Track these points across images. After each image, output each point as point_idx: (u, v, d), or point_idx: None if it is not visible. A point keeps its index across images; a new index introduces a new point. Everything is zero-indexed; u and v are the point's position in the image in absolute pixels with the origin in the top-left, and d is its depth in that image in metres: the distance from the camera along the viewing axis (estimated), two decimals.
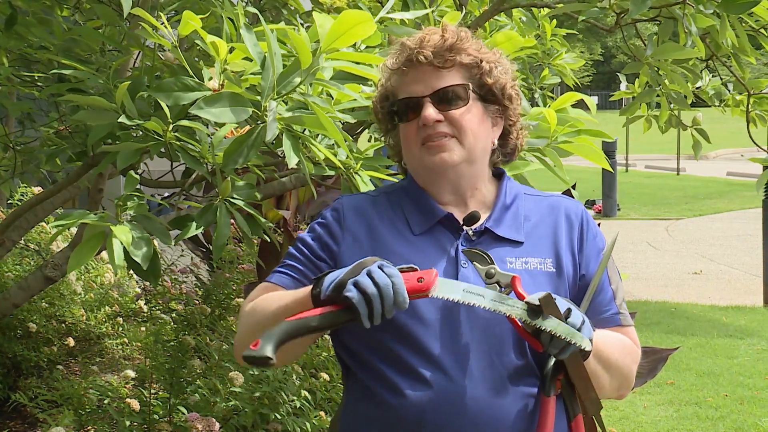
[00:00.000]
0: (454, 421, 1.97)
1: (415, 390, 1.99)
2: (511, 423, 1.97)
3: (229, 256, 5.79)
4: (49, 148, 3.80)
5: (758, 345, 8.48)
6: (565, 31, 4.99)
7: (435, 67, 2.10)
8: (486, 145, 2.16)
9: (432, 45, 2.10)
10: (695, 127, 5.14)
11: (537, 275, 2.10)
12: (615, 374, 2.13)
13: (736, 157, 32.02)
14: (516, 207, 2.18)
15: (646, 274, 12.23)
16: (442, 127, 2.09)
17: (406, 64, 2.11)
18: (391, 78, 2.16)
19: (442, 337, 2.01)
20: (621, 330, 2.18)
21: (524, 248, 2.13)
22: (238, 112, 2.25)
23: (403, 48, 2.14)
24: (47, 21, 3.44)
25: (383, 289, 1.84)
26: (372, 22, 2.23)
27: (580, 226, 2.19)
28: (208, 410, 3.97)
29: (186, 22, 2.35)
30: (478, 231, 2.12)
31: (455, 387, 1.98)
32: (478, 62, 2.12)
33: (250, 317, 2.11)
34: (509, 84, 2.17)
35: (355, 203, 2.20)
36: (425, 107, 2.09)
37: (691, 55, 4.08)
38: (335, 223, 2.17)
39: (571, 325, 1.92)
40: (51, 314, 5.52)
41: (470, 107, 2.11)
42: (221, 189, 2.62)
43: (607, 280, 2.18)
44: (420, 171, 2.16)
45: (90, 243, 2.34)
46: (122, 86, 2.47)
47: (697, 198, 21.61)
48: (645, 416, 6.45)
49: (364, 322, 1.86)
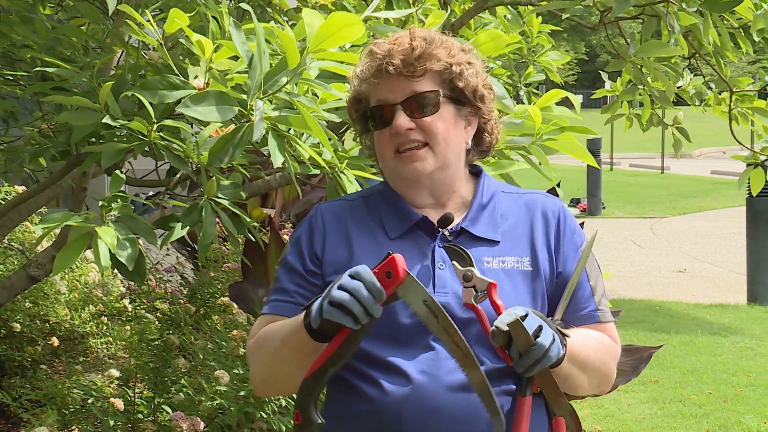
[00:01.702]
0: (433, 415, 1.99)
1: (394, 384, 2.01)
2: (488, 420, 1.98)
3: (214, 255, 5.78)
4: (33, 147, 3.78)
5: (742, 343, 8.52)
6: (550, 27, 4.99)
7: (405, 76, 2.09)
8: (459, 147, 2.16)
9: (401, 53, 2.08)
10: (676, 125, 5.17)
11: (514, 274, 2.11)
12: (593, 374, 2.15)
13: (719, 155, 32.16)
14: (493, 206, 2.19)
15: (631, 273, 12.27)
16: (414, 135, 2.10)
17: (375, 75, 2.11)
18: (361, 85, 2.16)
19: (420, 336, 2.03)
20: (600, 327, 2.18)
21: (501, 247, 2.14)
22: (224, 111, 2.25)
23: (371, 57, 2.12)
24: (30, 19, 3.42)
25: (355, 292, 1.88)
26: (360, 25, 2.23)
27: (557, 224, 2.19)
28: (193, 409, 3.97)
29: (172, 21, 2.34)
30: (455, 231, 2.14)
31: (434, 382, 2.00)
32: (448, 67, 2.12)
33: (257, 355, 2.16)
34: (480, 84, 2.16)
35: (332, 209, 2.22)
36: (397, 115, 2.10)
37: (674, 53, 4.10)
38: (316, 229, 2.19)
39: (540, 346, 1.92)
40: (35, 314, 5.50)
41: (441, 112, 2.11)
42: (206, 188, 2.61)
43: (586, 277, 2.19)
44: (395, 179, 2.18)
45: (75, 245, 2.34)
46: (106, 86, 2.46)
47: (681, 196, 21.69)
48: (629, 414, 6.47)
49: (355, 328, 1.90)
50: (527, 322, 1.92)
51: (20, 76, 3.65)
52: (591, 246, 2.19)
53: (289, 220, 6.93)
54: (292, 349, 2.03)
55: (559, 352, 1.96)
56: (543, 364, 1.94)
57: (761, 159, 4.67)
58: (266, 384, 2.18)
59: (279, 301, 2.17)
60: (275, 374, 2.11)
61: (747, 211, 10.58)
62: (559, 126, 2.78)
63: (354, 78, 2.18)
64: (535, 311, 1.98)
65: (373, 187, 2.28)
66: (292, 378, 2.06)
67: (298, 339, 2.00)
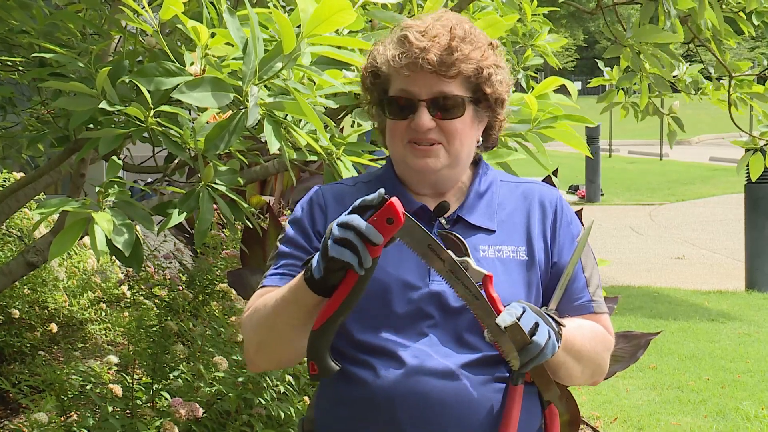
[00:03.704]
0: (426, 400, 1.99)
1: (388, 369, 2.02)
2: (477, 405, 1.99)
3: (212, 242, 5.78)
4: (31, 133, 3.78)
5: (740, 329, 8.53)
6: (546, 9, 4.95)
7: (437, 74, 2.05)
8: (471, 148, 2.15)
9: (438, 52, 2.03)
10: (671, 114, 5.16)
11: (509, 263, 2.11)
12: (587, 364, 2.14)
13: (718, 142, 32.14)
14: (490, 194, 2.18)
15: (629, 259, 12.27)
16: (433, 134, 2.07)
17: (408, 67, 2.04)
18: (387, 66, 2.09)
19: (415, 323, 2.04)
20: (594, 318, 2.18)
21: (497, 236, 2.14)
22: (219, 97, 2.24)
23: (407, 46, 2.05)
24: (28, 5, 3.41)
25: (354, 225, 1.84)
26: (351, 10, 2.22)
27: (553, 214, 2.19)
28: (192, 395, 3.97)
29: (167, 7, 2.34)
30: (452, 219, 2.14)
31: (427, 368, 2.01)
32: (479, 71, 2.08)
33: (252, 320, 2.11)
34: (504, 91, 2.13)
35: (333, 191, 2.21)
36: (420, 112, 2.06)
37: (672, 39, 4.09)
38: (317, 208, 2.18)
39: (536, 344, 1.91)
40: (33, 300, 5.51)
41: (464, 116, 2.09)
42: (203, 175, 2.61)
43: (581, 268, 2.18)
44: (401, 165, 2.16)
45: (72, 230, 2.34)
46: (102, 71, 2.46)
47: (679, 183, 21.69)
48: (627, 400, 6.48)
49: (360, 272, 1.86)
50: (524, 319, 1.91)
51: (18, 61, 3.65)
52: (587, 237, 2.19)
53: (288, 207, 6.93)
54: (291, 307, 1.98)
55: (555, 348, 1.95)
56: (538, 361, 1.94)
57: (760, 144, 4.67)
58: (260, 351, 2.11)
59: (276, 274, 2.13)
60: (270, 339, 2.06)
61: (746, 197, 10.58)
62: (555, 114, 2.78)
63: (379, 55, 2.11)
64: (531, 305, 1.97)
65: (373, 172, 2.27)
66: (288, 343, 2.04)
67: (299, 296, 1.96)
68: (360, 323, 2.06)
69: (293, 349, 2.07)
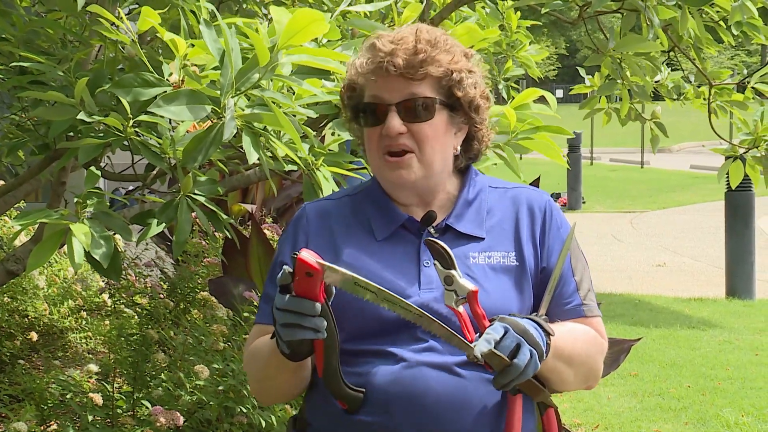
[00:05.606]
0: (420, 398, 2.00)
1: (382, 363, 2.03)
2: (472, 401, 2.01)
3: (194, 250, 5.77)
4: (11, 141, 3.76)
5: (720, 336, 8.56)
6: (530, 22, 4.98)
7: (404, 77, 2.07)
8: (446, 154, 2.15)
9: (404, 54, 2.05)
10: (654, 120, 5.18)
11: (500, 270, 2.11)
12: (579, 368, 2.14)
13: (698, 150, 32.29)
14: (479, 202, 2.18)
15: (611, 267, 12.30)
16: (404, 140, 2.08)
17: (375, 72, 2.08)
18: (358, 76, 2.13)
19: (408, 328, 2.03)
20: (585, 321, 2.18)
21: (487, 242, 2.14)
22: (196, 110, 2.24)
23: (373, 52, 2.09)
24: (7, 12, 3.40)
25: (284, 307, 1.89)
26: (324, 21, 2.23)
27: (542, 218, 2.19)
28: (173, 404, 3.95)
29: (144, 19, 2.33)
30: (440, 228, 2.14)
31: (423, 362, 2.01)
32: (448, 73, 2.09)
33: (250, 369, 2.21)
34: (478, 95, 2.14)
35: (318, 209, 2.22)
36: (390, 116, 2.08)
37: (653, 48, 4.11)
38: (300, 232, 2.18)
39: (516, 366, 1.91)
40: (13, 308, 5.48)
41: (434, 119, 2.10)
42: (183, 185, 2.61)
43: (570, 271, 2.18)
44: (380, 179, 2.18)
45: (50, 242, 2.33)
46: (81, 81, 2.45)
47: (660, 191, 21.76)
48: (608, 407, 6.49)
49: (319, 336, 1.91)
50: (504, 344, 1.91)
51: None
52: (571, 240, 2.18)
53: (269, 215, 6.93)
54: (280, 365, 2.04)
55: (537, 367, 1.95)
56: (518, 381, 1.94)
57: (740, 152, 4.69)
58: (263, 396, 2.24)
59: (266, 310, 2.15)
60: (269, 388, 2.16)
61: (726, 205, 10.61)
62: (534, 126, 2.80)
63: (351, 67, 2.14)
64: (514, 321, 1.96)
65: (360, 185, 2.27)
66: (284, 384, 2.11)
67: (279, 360, 2.01)
68: (352, 334, 2.06)
69: (294, 385, 2.14)
